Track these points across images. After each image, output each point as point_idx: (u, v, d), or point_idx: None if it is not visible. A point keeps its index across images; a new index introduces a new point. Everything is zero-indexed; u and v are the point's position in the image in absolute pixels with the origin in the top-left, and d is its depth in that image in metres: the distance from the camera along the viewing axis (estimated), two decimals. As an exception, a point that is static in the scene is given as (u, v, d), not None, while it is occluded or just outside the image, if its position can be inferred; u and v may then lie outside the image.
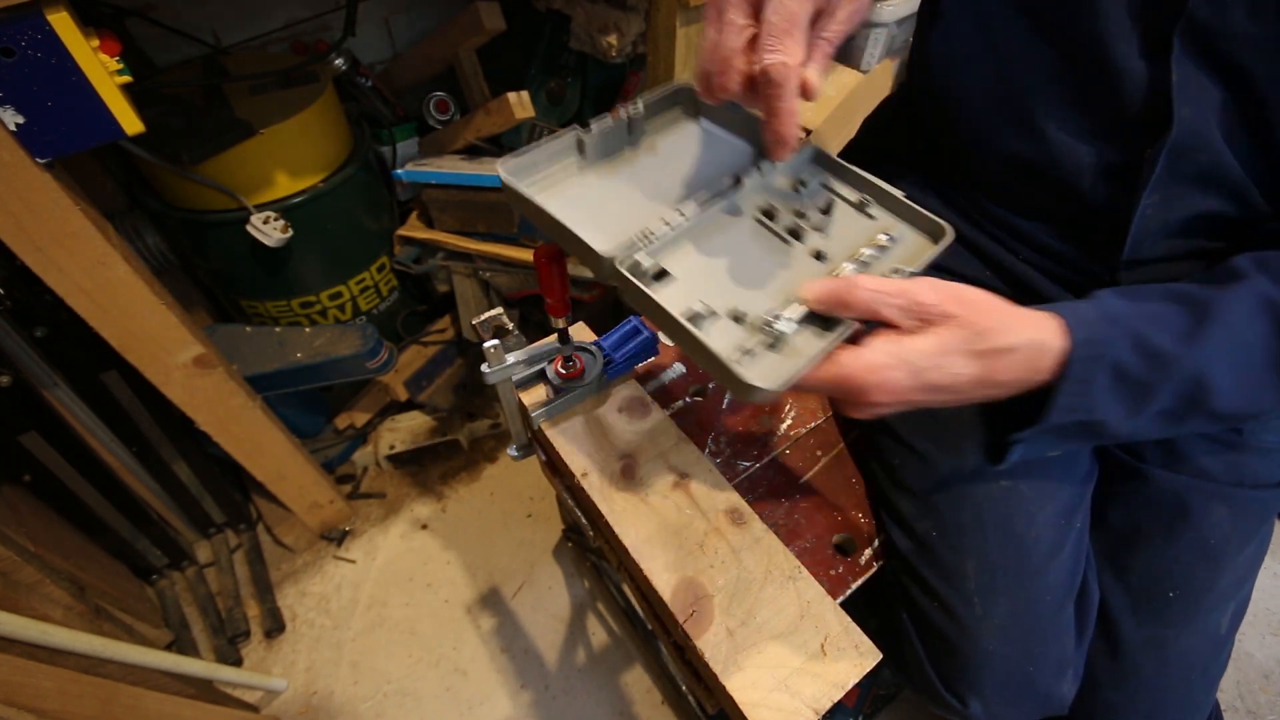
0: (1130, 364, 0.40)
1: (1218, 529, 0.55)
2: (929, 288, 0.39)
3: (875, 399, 0.39)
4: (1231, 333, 0.40)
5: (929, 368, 0.39)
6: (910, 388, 0.39)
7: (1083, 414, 0.41)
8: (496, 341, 0.58)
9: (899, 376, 0.38)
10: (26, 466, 0.89)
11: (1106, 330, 0.40)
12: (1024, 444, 0.46)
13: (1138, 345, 0.40)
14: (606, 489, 0.57)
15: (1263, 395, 0.41)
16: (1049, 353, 0.40)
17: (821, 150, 0.52)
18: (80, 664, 0.72)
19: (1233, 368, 0.40)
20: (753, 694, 0.46)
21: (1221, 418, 0.42)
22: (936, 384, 0.39)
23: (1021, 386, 0.41)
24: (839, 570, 0.59)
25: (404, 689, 1.03)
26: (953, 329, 0.39)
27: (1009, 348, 0.39)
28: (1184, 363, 0.40)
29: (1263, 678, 1.04)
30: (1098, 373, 0.40)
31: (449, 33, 1.16)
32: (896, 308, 0.39)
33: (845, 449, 0.68)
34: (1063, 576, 0.54)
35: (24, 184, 0.61)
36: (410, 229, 1.21)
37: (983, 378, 0.39)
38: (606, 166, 0.51)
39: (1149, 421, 0.43)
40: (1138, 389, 0.41)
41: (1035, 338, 0.40)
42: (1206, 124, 0.44)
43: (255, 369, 1.01)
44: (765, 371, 0.40)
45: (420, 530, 1.23)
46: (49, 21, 0.55)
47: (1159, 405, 0.41)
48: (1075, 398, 0.41)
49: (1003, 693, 0.53)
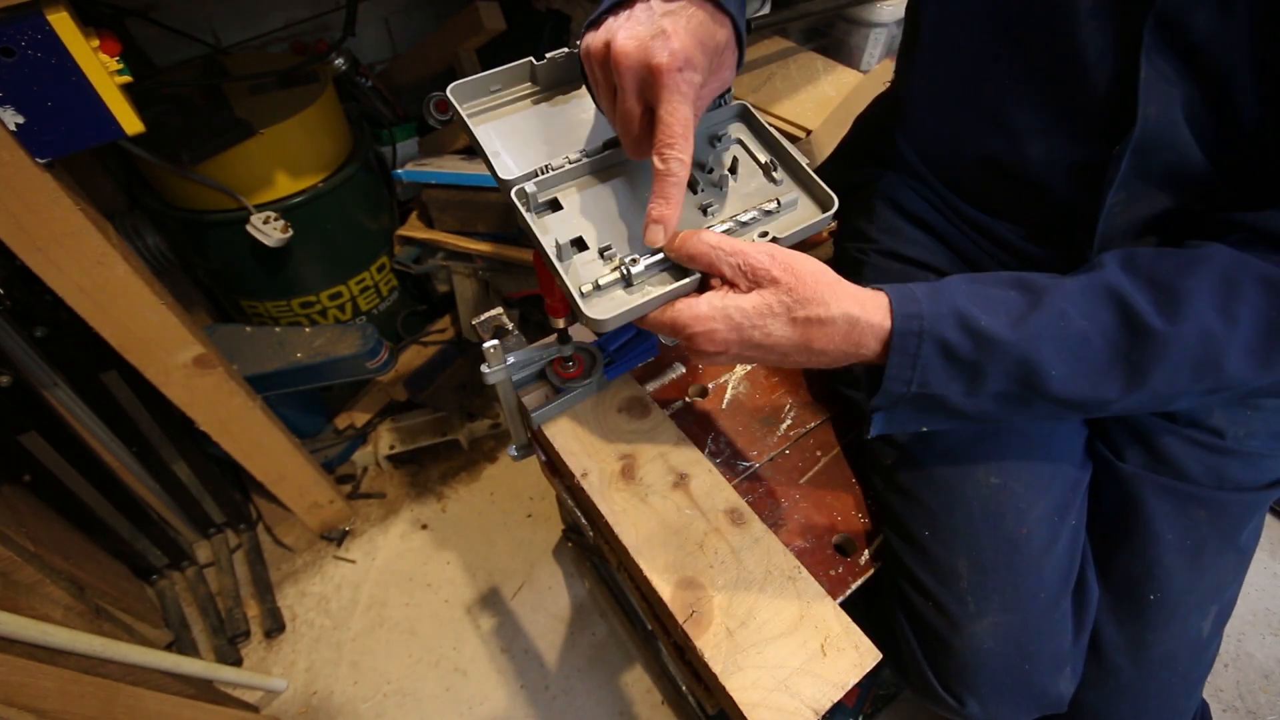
0: (956, 343, 0.41)
1: (1197, 532, 0.55)
2: (765, 253, 0.42)
3: (702, 346, 0.43)
4: (1062, 319, 0.41)
5: (748, 325, 0.42)
6: (732, 341, 0.42)
7: (918, 386, 0.43)
8: (496, 341, 0.58)
9: (720, 329, 0.42)
10: (26, 466, 0.89)
11: (932, 308, 0.42)
12: (883, 414, 0.47)
13: (963, 325, 0.42)
14: (606, 489, 0.57)
15: (1105, 385, 0.42)
16: (868, 329, 0.42)
17: (747, 108, 0.53)
18: (80, 664, 0.72)
19: (1064, 354, 0.41)
20: (753, 694, 0.46)
21: (1069, 405, 0.43)
22: (757, 342, 0.42)
23: (846, 357, 0.43)
24: (839, 570, 0.59)
25: (404, 689, 1.03)
26: (775, 293, 0.41)
27: (825, 318, 0.41)
28: (1010, 346, 0.41)
29: (1263, 678, 1.04)
30: (922, 347, 0.42)
31: (449, 33, 1.16)
32: (731, 265, 0.42)
33: (844, 449, 0.68)
34: (1057, 573, 0.54)
35: (24, 184, 0.61)
36: (410, 229, 1.21)
37: (800, 343, 0.42)
38: (557, 102, 0.54)
39: (992, 403, 0.44)
40: (968, 368, 0.42)
41: (851, 312, 0.42)
42: (1173, 121, 0.45)
43: (255, 369, 1.01)
44: (605, 306, 0.44)
45: (420, 530, 1.23)
46: (49, 21, 0.55)
47: (994, 386, 0.43)
48: (904, 369, 0.43)
49: (999, 691, 0.53)
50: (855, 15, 1.39)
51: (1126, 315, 0.41)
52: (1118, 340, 0.41)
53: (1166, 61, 0.43)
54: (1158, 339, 0.40)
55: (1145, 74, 0.44)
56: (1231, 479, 0.55)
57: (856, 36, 1.43)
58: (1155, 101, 0.44)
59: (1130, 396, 0.42)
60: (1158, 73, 0.44)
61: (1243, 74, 0.42)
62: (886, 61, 1.40)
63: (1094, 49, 0.45)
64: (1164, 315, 0.40)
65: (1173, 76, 0.44)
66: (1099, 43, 0.45)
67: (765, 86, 1.30)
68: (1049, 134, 0.50)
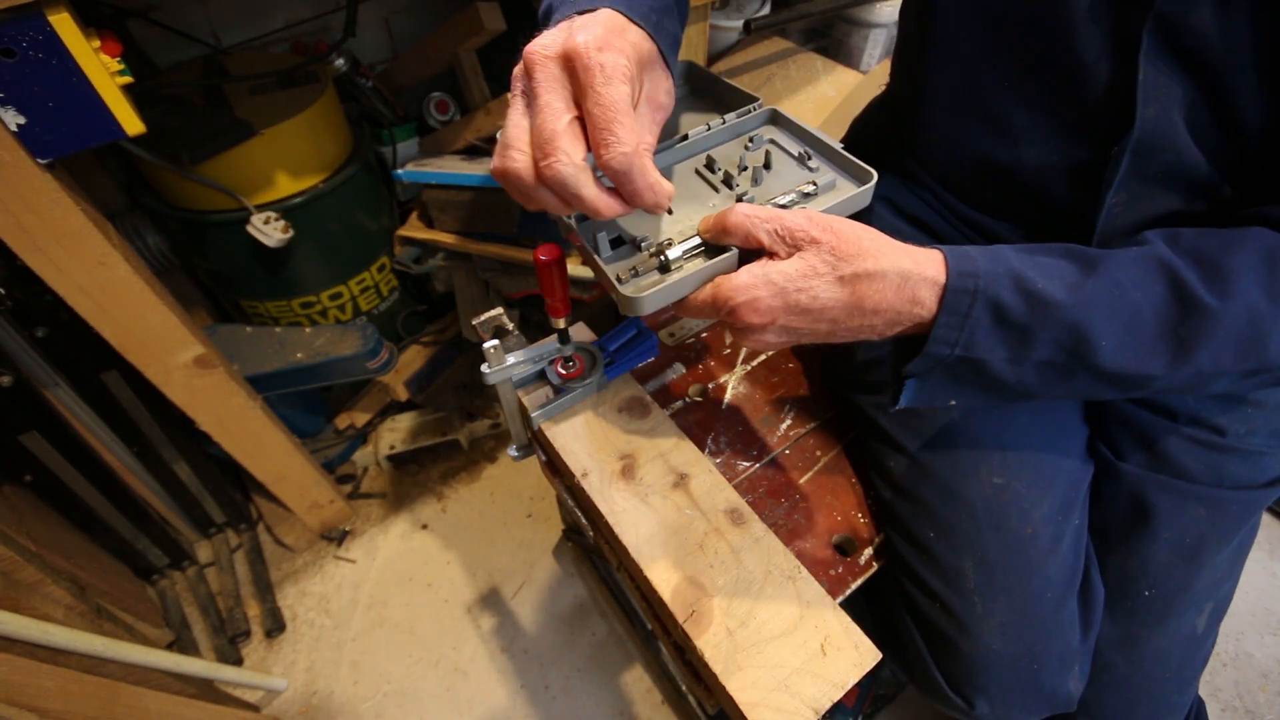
0: (1010, 304, 0.40)
1: (1195, 529, 0.55)
2: (802, 215, 0.41)
3: (746, 318, 0.41)
4: (1117, 289, 0.40)
5: (793, 289, 0.40)
6: (778, 309, 0.40)
7: (962, 349, 0.41)
8: (496, 341, 0.58)
9: (764, 296, 0.40)
10: (27, 466, 0.89)
11: (988, 267, 0.40)
12: (917, 381, 0.45)
13: (1018, 286, 0.40)
14: (606, 489, 0.57)
15: (1152, 359, 0.40)
16: (923, 282, 0.40)
17: (776, 111, 0.53)
18: (81, 664, 0.72)
19: (1116, 324, 0.40)
20: (753, 694, 0.46)
21: (1111, 379, 0.42)
22: (804, 306, 0.40)
23: (901, 317, 0.41)
24: (839, 570, 0.59)
25: (404, 689, 1.03)
26: (817, 253, 0.40)
27: (874, 272, 0.39)
28: (1065, 311, 0.40)
29: (1262, 678, 1.04)
30: (975, 307, 0.40)
31: (449, 33, 1.16)
32: (768, 232, 0.41)
33: (844, 449, 0.68)
34: (1062, 572, 0.54)
35: (24, 184, 0.61)
36: (410, 229, 1.21)
37: (851, 304, 0.40)
38: None
39: (1033, 372, 0.42)
40: (1018, 332, 0.40)
41: (903, 266, 0.40)
42: (1171, 123, 0.45)
43: (255, 369, 1.01)
44: (642, 287, 0.44)
45: (420, 530, 1.23)
46: (50, 22, 0.55)
47: (1041, 354, 0.41)
48: (953, 330, 0.41)
49: (1008, 692, 0.53)
50: (855, 16, 1.39)
51: (1178, 290, 0.40)
52: (1168, 314, 0.40)
53: (1165, 63, 0.43)
54: (1207, 314, 0.39)
55: (1144, 75, 0.43)
56: (1231, 477, 0.55)
57: (856, 37, 1.43)
58: (1154, 103, 0.44)
59: (1174, 373, 0.41)
60: (1156, 74, 0.44)
61: (1243, 75, 0.42)
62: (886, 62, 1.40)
63: (1092, 51, 0.45)
64: (1213, 292, 0.39)
65: (1172, 78, 0.44)
66: (1097, 45, 0.45)
67: (765, 86, 1.30)
68: (1048, 135, 0.50)
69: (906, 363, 0.44)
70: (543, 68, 0.38)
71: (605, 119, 0.36)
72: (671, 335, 0.78)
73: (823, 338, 0.43)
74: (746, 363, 0.75)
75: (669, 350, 0.76)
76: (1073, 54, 0.46)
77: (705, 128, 0.52)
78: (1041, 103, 0.50)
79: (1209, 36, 0.41)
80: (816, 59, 1.35)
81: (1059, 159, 0.50)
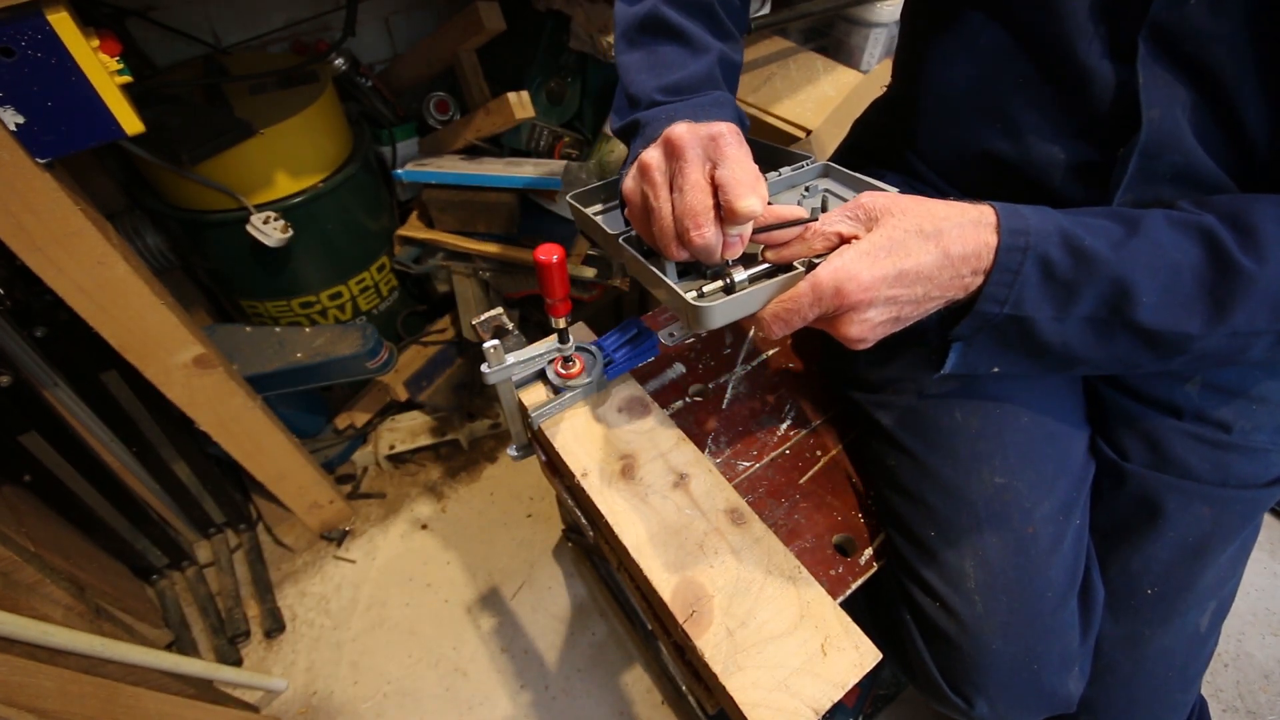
0: (1058, 260, 0.41)
1: (1199, 528, 0.55)
2: (867, 194, 0.44)
3: (854, 296, 0.41)
4: (1159, 248, 0.41)
5: (887, 254, 0.41)
6: (879, 279, 0.41)
7: (1011, 306, 0.42)
8: (496, 341, 0.58)
9: (864, 269, 0.41)
10: (26, 466, 0.89)
11: (1038, 224, 0.41)
12: (963, 344, 0.47)
13: (1066, 243, 0.41)
14: (606, 489, 0.57)
15: (1188, 318, 0.41)
16: (989, 227, 0.41)
17: (830, 165, 0.56)
18: (80, 664, 0.72)
19: (1156, 281, 0.41)
20: (753, 694, 0.46)
21: (1151, 338, 0.43)
22: (901, 269, 0.41)
23: (981, 262, 0.42)
24: (839, 570, 0.59)
25: (404, 689, 1.03)
26: (898, 216, 0.42)
27: (953, 222, 0.41)
28: (1109, 265, 0.41)
29: (1263, 678, 1.04)
30: (1025, 264, 0.41)
31: (449, 33, 1.16)
32: (846, 219, 0.43)
33: (844, 449, 0.68)
34: (1063, 573, 0.54)
35: (24, 184, 0.61)
36: (410, 229, 1.21)
37: (941, 255, 0.41)
38: None
39: (1077, 328, 0.43)
40: (1064, 288, 0.42)
41: (973, 215, 0.42)
42: (1176, 124, 0.45)
43: (255, 369, 1.01)
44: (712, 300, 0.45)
45: (420, 530, 1.23)
46: (49, 21, 0.55)
47: (1084, 309, 0.42)
48: (1004, 288, 0.42)
49: (1008, 692, 0.53)
50: (855, 15, 1.39)
51: (1215, 251, 0.40)
52: (1205, 276, 0.41)
53: (1164, 68, 0.44)
54: (1244, 276, 0.40)
55: (1144, 80, 0.44)
56: (1236, 475, 0.55)
57: (856, 36, 1.43)
58: (1157, 105, 0.44)
59: (1211, 334, 0.42)
60: (1156, 79, 0.44)
61: (1243, 77, 0.42)
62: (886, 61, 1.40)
63: (1093, 57, 0.46)
64: (1250, 255, 0.40)
65: (1172, 82, 0.44)
66: (1097, 51, 0.46)
67: (765, 86, 1.30)
68: (1057, 134, 0.50)
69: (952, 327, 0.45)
70: (691, 147, 0.43)
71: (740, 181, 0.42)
72: (671, 335, 0.78)
73: (919, 306, 0.43)
74: (746, 363, 0.75)
75: (669, 350, 0.76)
76: (1077, 59, 0.46)
77: None
78: (1050, 104, 0.50)
79: (1205, 39, 0.42)
80: (816, 58, 1.35)
81: (1068, 158, 0.51)
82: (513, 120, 1.10)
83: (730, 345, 0.77)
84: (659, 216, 0.44)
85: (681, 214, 0.43)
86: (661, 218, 0.44)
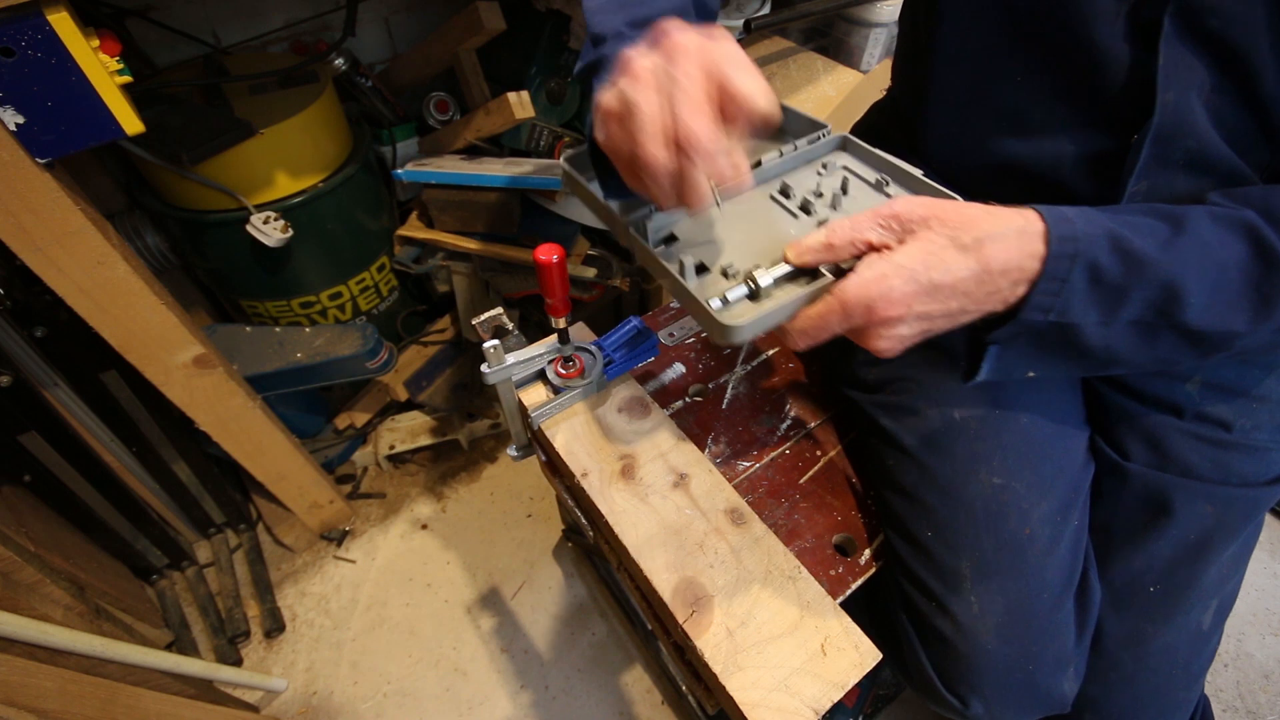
0: (1107, 265, 0.40)
1: (1201, 526, 0.55)
2: (903, 201, 0.41)
3: (885, 312, 0.39)
4: (1206, 247, 0.40)
5: (924, 268, 0.39)
6: (915, 293, 0.39)
7: (1057, 314, 0.41)
8: (496, 341, 0.58)
9: (899, 283, 0.39)
10: (26, 466, 0.89)
11: (1086, 229, 0.40)
12: (1000, 347, 0.44)
13: (1115, 246, 0.40)
14: (606, 489, 0.57)
15: (1235, 316, 0.41)
16: (1036, 235, 0.39)
17: (847, 137, 0.53)
18: (80, 664, 0.72)
19: (1205, 281, 0.40)
20: (753, 694, 0.46)
21: (1197, 337, 0.42)
22: (937, 283, 0.39)
23: (1024, 274, 0.40)
24: (839, 570, 0.59)
25: (404, 689, 1.03)
26: (935, 229, 0.40)
27: (994, 234, 0.39)
28: (1158, 268, 0.39)
29: (1263, 678, 1.04)
30: (1073, 270, 0.40)
31: (449, 33, 1.16)
32: (876, 227, 0.41)
33: (844, 449, 0.68)
34: (1060, 573, 0.54)
35: (24, 184, 0.61)
36: (410, 229, 1.21)
37: (980, 269, 0.39)
38: None
39: (1122, 333, 0.42)
40: (1112, 292, 0.40)
41: (1018, 224, 0.40)
42: (1190, 108, 0.44)
43: (255, 369, 1.01)
44: (739, 313, 0.43)
45: (420, 530, 1.23)
46: (49, 21, 0.55)
47: (1131, 313, 0.41)
48: (1050, 296, 0.40)
49: (1003, 692, 0.53)
50: (855, 15, 1.39)
51: (1260, 247, 0.40)
52: (1252, 271, 0.40)
53: (1187, 47, 0.43)
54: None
55: (1164, 60, 0.43)
56: (1238, 473, 0.55)
57: (856, 36, 1.43)
58: (1173, 87, 0.44)
59: (1257, 330, 0.41)
60: (1177, 59, 0.43)
61: (1265, 56, 0.42)
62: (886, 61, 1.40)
63: (1112, 38, 0.45)
64: None
65: (1192, 62, 0.43)
66: (1118, 32, 0.45)
67: (765, 86, 1.29)
68: (1066, 126, 0.50)
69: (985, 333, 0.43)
70: (693, 56, 0.37)
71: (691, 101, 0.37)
72: (671, 335, 0.78)
73: (952, 319, 0.42)
74: (746, 363, 0.75)
75: (669, 350, 0.76)
76: (1092, 43, 0.46)
77: (777, 154, 0.52)
78: (1060, 93, 0.49)
79: (1231, 18, 0.41)
80: (816, 58, 1.35)
81: (1077, 149, 0.50)
82: (513, 120, 1.10)
83: (730, 345, 0.77)
84: (646, 120, 0.37)
85: (679, 112, 0.36)
86: (649, 121, 0.37)
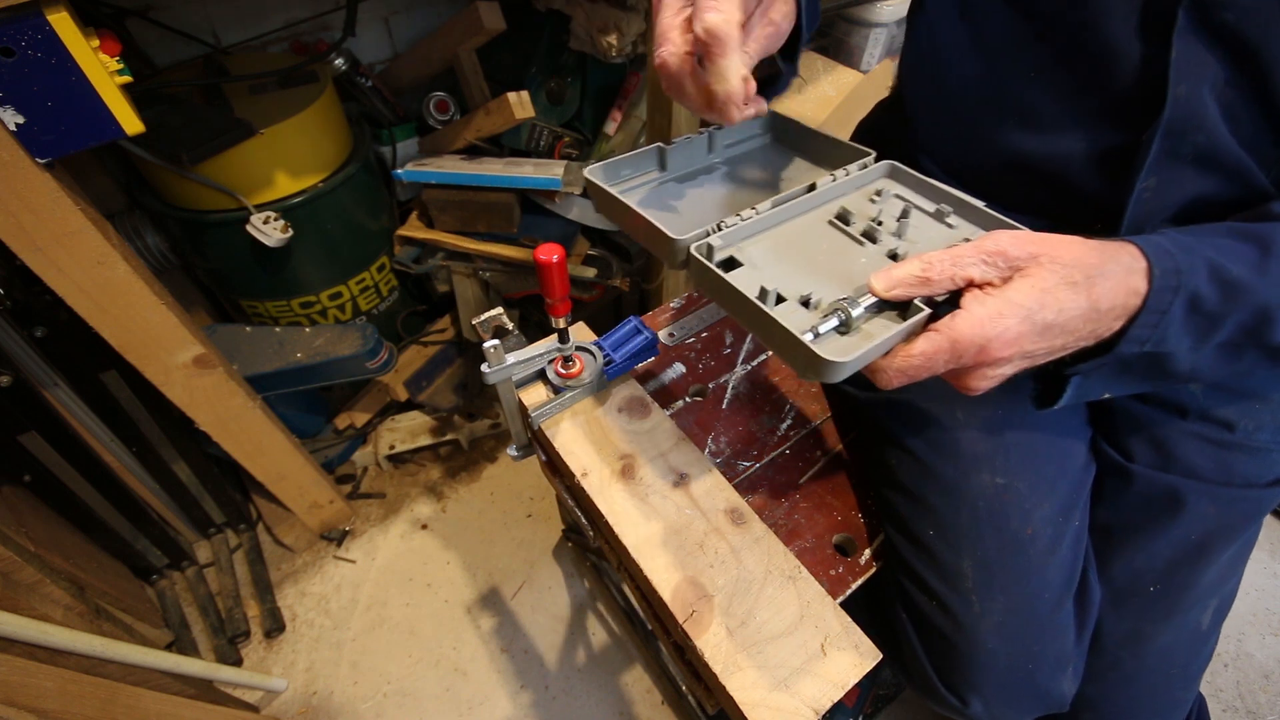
0: (1206, 294, 0.39)
1: (1203, 527, 0.55)
2: (1007, 237, 0.39)
3: (997, 353, 0.38)
4: None
5: (1039, 308, 0.37)
6: (1026, 334, 0.38)
7: (1153, 345, 0.40)
8: (496, 341, 0.58)
9: (1013, 324, 0.37)
10: (26, 466, 0.89)
11: (1187, 261, 0.39)
12: (1082, 378, 0.43)
13: (1214, 275, 0.39)
14: (606, 489, 0.57)
15: None
16: (1138, 272, 0.38)
17: (897, 165, 0.53)
18: (80, 664, 0.72)
19: None
20: (753, 694, 0.46)
21: (1275, 352, 0.41)
22: (1049, 323, 0.38)
23: (1121, 312, 0.39)
24: (839, 570, 0.59)
25: (404, 689, 1.03)
26: (1046, 266, 0.38)
27: (1104, 272, 0.38)
28: (1255, 293, 0.39)
29: (1263, 678, 1.04)
30: (1175, 303, 0.39)
31: (449, 33, 1.16)
32: (980, 264, 0.38)
33: (844, 449, 0.68)
34: (1061, 573, 0.54)
35: (24, 184, 0.61)
36: (410, 229, 1.21)
37: (1090, 308, 0.38)
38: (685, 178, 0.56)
39: (1210, 355, 0.42)
40: (1207, 319, 0.39)
41: (1125, 261, 0.39)
42: (1202, 102, 0.44)
43: (255, 369, 1.01)
44: (836, 350, 0.39)
45: (420, 530, 1.23)
46: (49, 21, 0.55)
47: (1223, 336, 0.40)
48: (1149, 329, 0.39)
49: (1003, 691, 0.53)
50: (855, 15, 1.39)
51: None
52: None
53: (1200, 40, 0.43)
54: None
55: (1177, 53, 0.43)
56: (1240, 474, 0.55)
57: (856, 36, 1.43)
58: (1185, 81, 0.44)
59: None
60: (1189, 52, 0.43)
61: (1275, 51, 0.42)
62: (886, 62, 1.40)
63: (1125, 32, 0.45)
64: None
65: (1204, 56, 0.43)
66: (1131, 25, 0.45)
67: (765, 86, 1.30)
68: (1078, 121, 0.50)
69: (1074, 362, 0.42)
70: None
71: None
72: (671, 335, 0.78)
73: (1050, 357, 0.41)
74: (746, 363, 0.75)
75: (669, 350, 0.76)
76: (1105, 37, 0.46)
77: (831, 178, 0.50)
78: (1072, 89, 0.49)
79: (1245, 11, 0.41)
80: (817, 59, 1.35)
81: (1088, 145, 0.50)
82: (513, 120, 1.10)
83: (730, 345, 0.77)
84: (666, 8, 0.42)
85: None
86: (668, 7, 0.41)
